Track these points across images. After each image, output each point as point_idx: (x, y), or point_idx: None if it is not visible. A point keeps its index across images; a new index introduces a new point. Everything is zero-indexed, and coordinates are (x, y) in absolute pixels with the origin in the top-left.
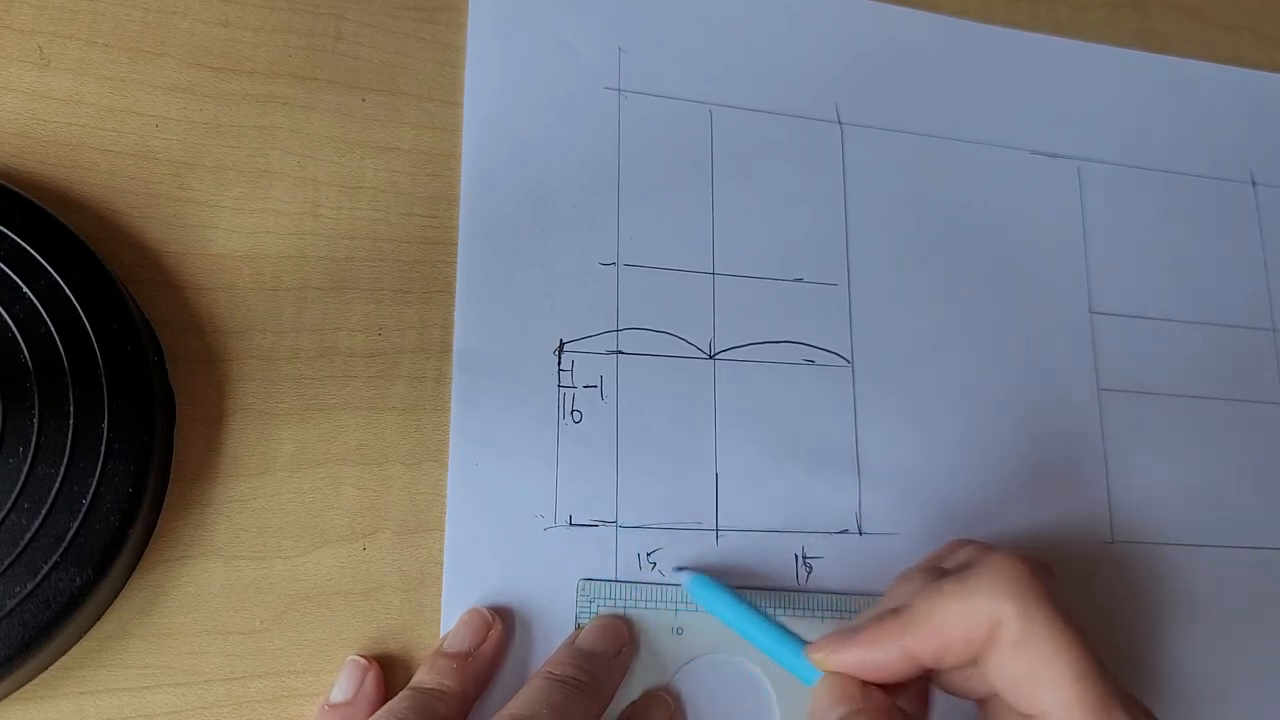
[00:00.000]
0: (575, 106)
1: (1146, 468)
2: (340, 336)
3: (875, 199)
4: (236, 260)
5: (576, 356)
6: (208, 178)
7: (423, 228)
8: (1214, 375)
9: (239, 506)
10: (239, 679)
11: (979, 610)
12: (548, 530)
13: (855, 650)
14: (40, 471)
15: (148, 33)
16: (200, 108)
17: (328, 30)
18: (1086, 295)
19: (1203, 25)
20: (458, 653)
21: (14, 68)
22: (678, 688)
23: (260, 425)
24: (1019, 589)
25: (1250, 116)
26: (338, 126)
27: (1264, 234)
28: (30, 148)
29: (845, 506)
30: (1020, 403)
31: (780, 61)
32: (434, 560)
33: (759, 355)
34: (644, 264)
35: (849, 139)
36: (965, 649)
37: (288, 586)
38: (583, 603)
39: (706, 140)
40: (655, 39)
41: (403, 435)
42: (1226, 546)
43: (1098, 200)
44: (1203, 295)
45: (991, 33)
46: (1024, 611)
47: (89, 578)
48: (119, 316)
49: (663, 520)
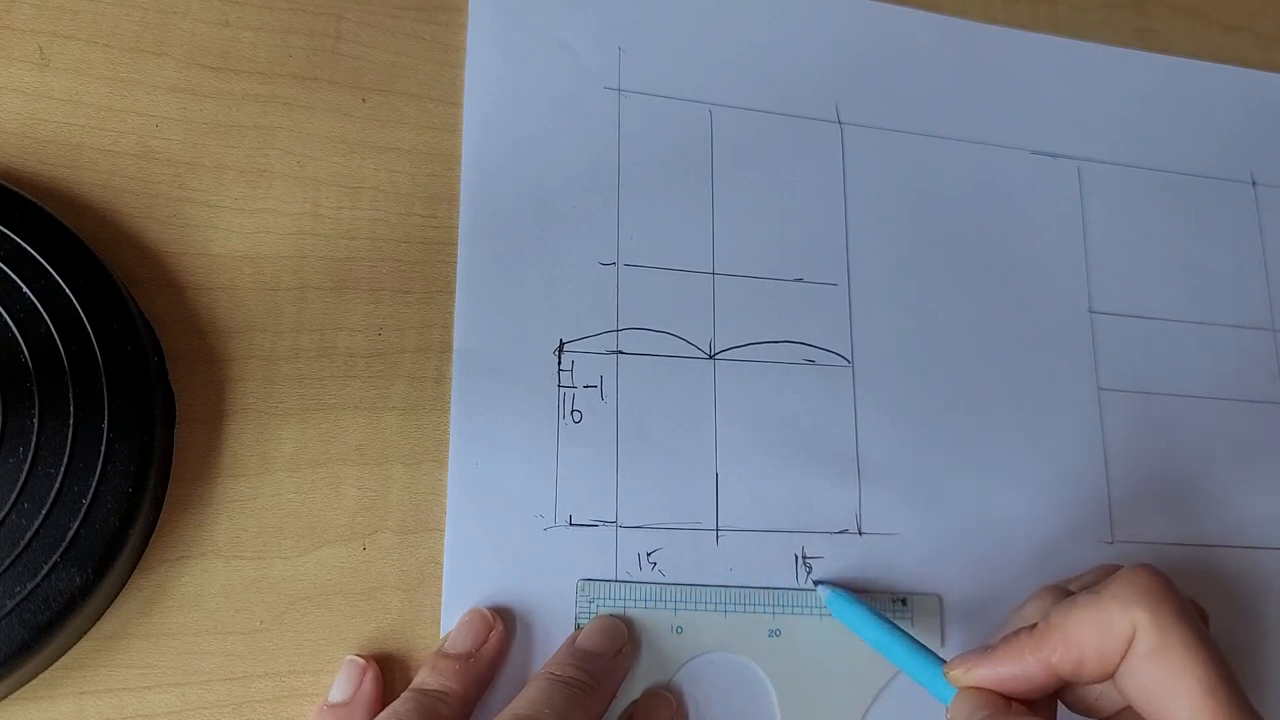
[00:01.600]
0: (575, 106)
1: (1146, 467)
2: (340, 336)
3: (875, 199)
4: (236, 260)
5: (576, 356)
6: (208, 178)
7: (423, 228)
8: (1214, 375)
9: (239, 506)
10: (239, 679)
11: (1115, 620)
12: (548, 530)
13: (992, 665)
14: (40, 471)
15: (148, 33)
16: (200, 108)
17: (328, 30)
18: (1086, 295)
19: (1203, 25)
20: (459, 654)
21: (14, 68)
22: (678, 686)
23: (260, 425)
24: (1154, 599)
25: (1250, 116)
26: (338, 126)
27: (1264, 234)
28: (30, 148)
29: (845, 506)
30: (1020, 403)
31: (780, 61)
32: (434, 560)
33: (759, 355)
34: (644, 264)
35: (849, 139)
36: (1100, 661)
37: (288, 586)
38: (583, 603)
39: (706, 140)
40: (655, 39)
41: (403, 435)
42: (1226, 546)
43: (1098, 200)
44: (1203, 295)
45: (991, 33)
46: (1159, 621)
47: (89, 578)
48: (119, 316)
49: (663, 520)
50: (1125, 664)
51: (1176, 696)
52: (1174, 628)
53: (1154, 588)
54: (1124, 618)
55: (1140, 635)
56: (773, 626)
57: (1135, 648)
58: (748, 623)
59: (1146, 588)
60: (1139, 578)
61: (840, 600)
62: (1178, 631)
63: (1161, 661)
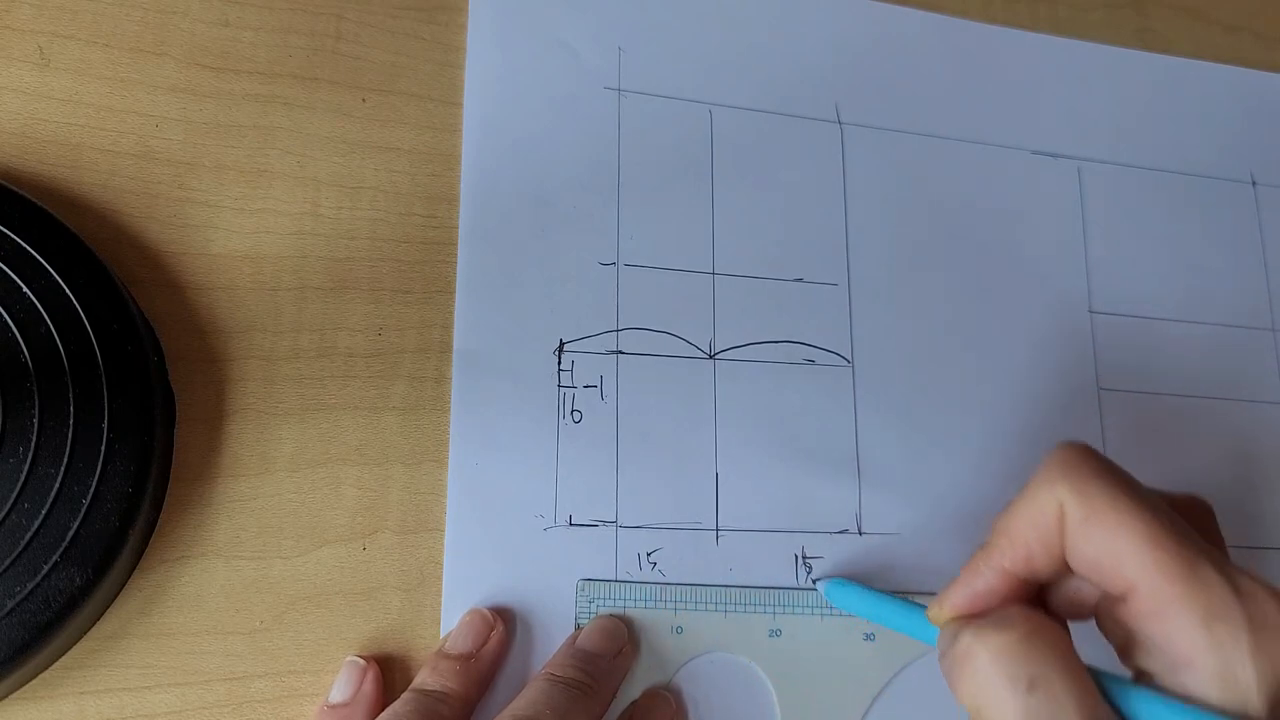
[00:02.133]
0: (575, 106)
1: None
2: (340, 336)
3: (875, 199)
4: (236, 260)
5: (576, 356)
6: (208, 178)
7: (423, 228)
8: (1214, 375)
9: (239, 506)
10: (239, 679)
11: (1042, 503)
12: (548, 530)
13: (958, 591)
14: (40, 471)
15: (148, 33)
16: (200, 108)
17: (328, 30)
18: (1086, 295)
19: (1203, 25)
20: (460, 654)
21: (14, 68)
22: (678, 686)
23: (260, 425)
24: (1073, 470)
25: (1250, 116)
26: (338, 126)
27: (1264, 234)
28: (30, 148)
29: (845, 506)
30: (1020, 403)
31: (780, 61)
32: (434, 560)
33: (759, 355)
34: (644, 264)
35: (849, 139)
36: (1045, 550)
37: (288, 586)
38: (583, 603)
39: (706, 140)
40: (655, 39)
41: (403, 435)
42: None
43: (1098, 200)
44: (1203, 295)
45: (991, 33)
46: (1081, 489)
47: (89, 577)
48: (119, 316)
49: (663, 520)
50: (1067, 544)
51: (1120, 557)
52: (1097, 491)
53: (1071, 459)
54: (1049, 497)
55: (1068, 509)
56: (773, 626)
57: (1068, 524)
58: (748, 623)
59: (1064, 462)
60: (1057, 455)
61: (837, 587)
62: (1102, 493)
63: (1095, 527)
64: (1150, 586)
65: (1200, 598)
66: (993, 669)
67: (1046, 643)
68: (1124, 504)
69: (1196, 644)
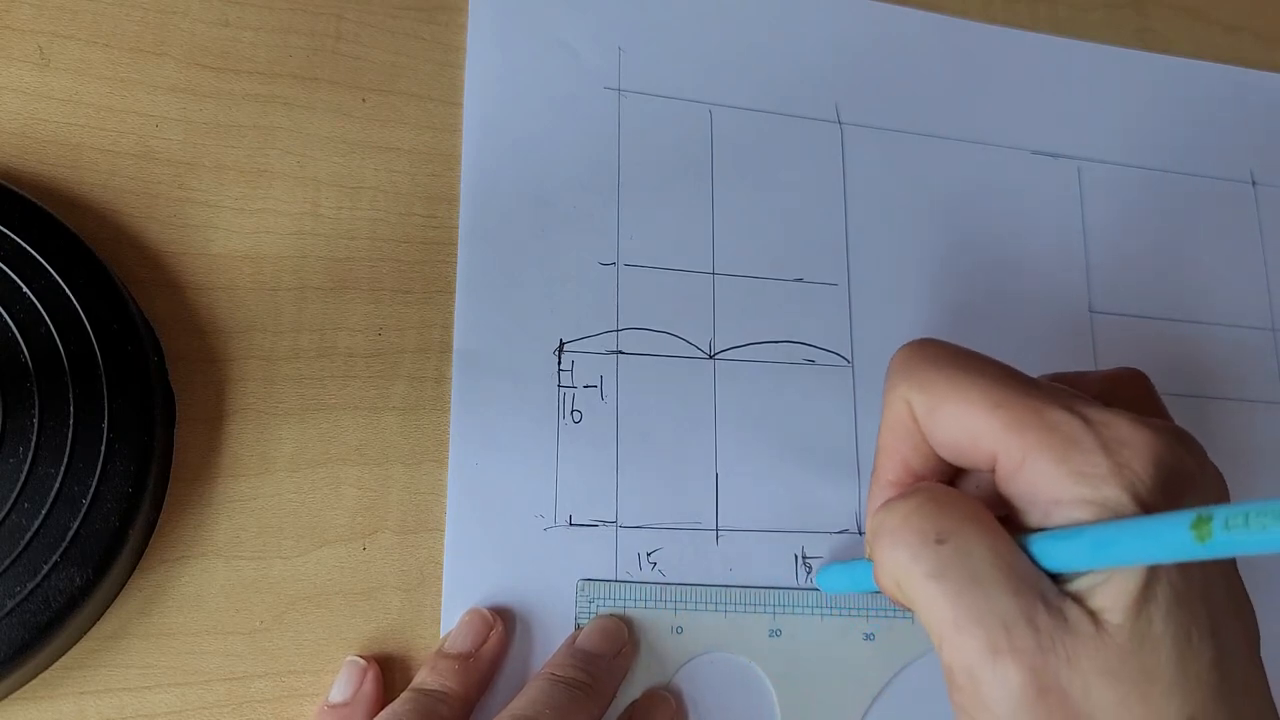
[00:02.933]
0: (575, 106)
1: None
2: (340, 336)
3: (875, 199)
4: (236, 260)
5: (576, 356)
6: (208, 178)
7: (423, 228)
8: (1214, 375)
9: (239, 506)
10: (239, 679)
11: (894, 409)
12: (548, 530)
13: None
14: (40, 471)
15: (148, 33)
16: (200, 108)
17: (328, 30)
18: (1086, 295)
19: (1203, 25)
20: (459, 653)
21: (14, 68)
22: (678, 686)
23: (260, 425)
24: (910, 367)
25: (1250, 116)
26: (338, 126)
27: (1264, 234)
28: (30, 148)
29: (845, 506)
30: None
31: (780, 61)
32: (434, 560)
33: (759, 355)
34: (644, 264)
35: (849, 139)
36: (918, 453)
37: (288, 586)
38: (583, 603)
39: (706, 140)
40: (655, 39)
41: (403, 435)
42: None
43: (1098, 200)
44: (1203, 295)
45: (991, 33)
46: (919, 382)
47: (89, 577)
48: (119, 316)
49: (663, 520)
50: (928, 437)
51: (972, 432)
52: (935, 377)
53: (909, 356)
54: (897, 400)
55: (915, 405)
56: (773, 626)
57: (920, 420)
58: (748, 623)
59: (903, 361)
60: (895, 358)
61: (826, 575)
62: (940, 378)
63: (942, 413)
64: (1005, 446)
65: (1052, 438)
66: (902, 531)
67: (952, 500)
68: (962, 380)
69: (1060, 481)
